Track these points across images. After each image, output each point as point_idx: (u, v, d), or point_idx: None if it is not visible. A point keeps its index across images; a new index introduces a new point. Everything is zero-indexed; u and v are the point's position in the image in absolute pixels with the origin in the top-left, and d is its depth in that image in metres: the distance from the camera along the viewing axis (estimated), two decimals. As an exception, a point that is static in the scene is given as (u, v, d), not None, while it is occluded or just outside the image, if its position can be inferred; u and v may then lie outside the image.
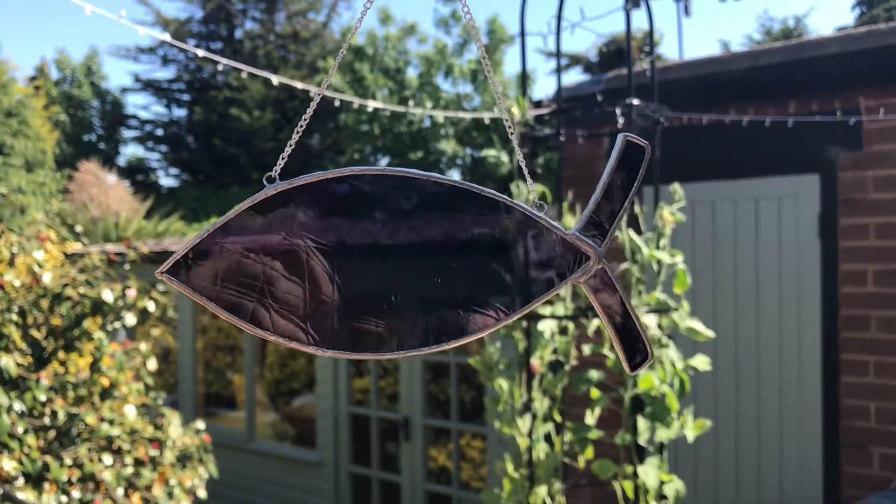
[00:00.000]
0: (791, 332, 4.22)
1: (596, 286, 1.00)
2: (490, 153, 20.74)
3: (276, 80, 2.99)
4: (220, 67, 3.06)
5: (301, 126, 1.05)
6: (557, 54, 3.20)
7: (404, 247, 0.98)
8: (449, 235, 0.98)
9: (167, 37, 2.96)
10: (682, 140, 4.40)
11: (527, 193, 2.95)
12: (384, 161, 24.84)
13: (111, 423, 4.09)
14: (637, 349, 1.01)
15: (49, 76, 28.10)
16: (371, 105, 3.32)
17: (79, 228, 5.18)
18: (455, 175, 24.61)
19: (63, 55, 29.30)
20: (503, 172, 20.53)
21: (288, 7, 28.91)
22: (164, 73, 28.91)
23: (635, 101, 2.82)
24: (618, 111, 2.77)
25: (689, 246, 4.40)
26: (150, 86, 29.01)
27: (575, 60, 20.32)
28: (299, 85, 2.91)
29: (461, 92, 22.71)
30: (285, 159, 1.01)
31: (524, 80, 3.11)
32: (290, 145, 1.02)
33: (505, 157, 20.00)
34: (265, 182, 0.97)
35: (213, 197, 24.16)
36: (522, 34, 3.10)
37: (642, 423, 2.82)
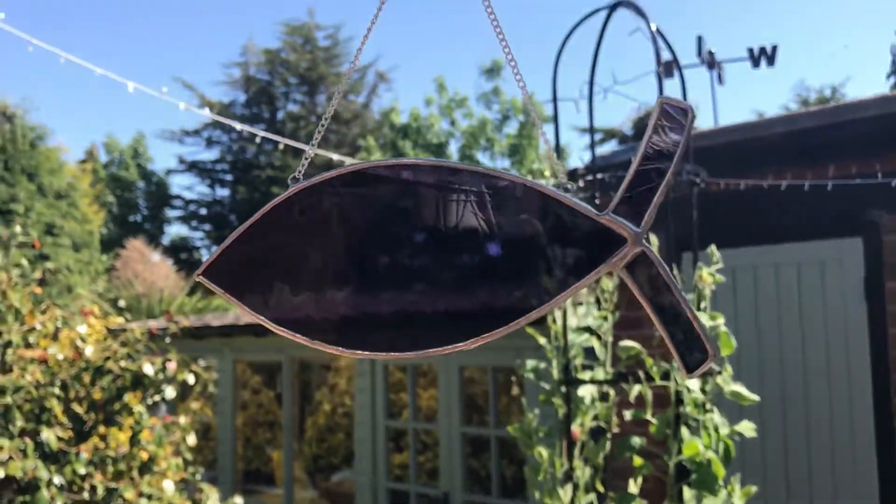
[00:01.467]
0: (841, 397, 4.09)
1: (636, 273, 0.88)
2: None
3: (310, 150, 3.04)
4: (257, 139, 3.13)
5: (322, 127, 1.04)
6: (590, 114, 3.22)
7: (431, 239, 0.93)
8: (472, 224, 0.92)
9: (206, 111, 3.05)
10: (721, 206, 4.37)
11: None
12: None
13: (150, 497, 4.07)
14: (692, 346, 0.85)
15: (98, 159, 28.99)
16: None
17: (122, 303, 5.26)
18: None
19: (111, 138, 30.27)
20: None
21: (329, 89, 29.66)
22: (208, 155, 29.66)
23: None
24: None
25: (732, 311, 4.32)
26: (194, 167, 29.75)
27: (609, 134, 20.44)
28: (335, 156, 2.96)
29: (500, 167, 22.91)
30: (309, 159, 1.01)
31: (557, 143, 3.13)
32: (313, 145, 1.02)
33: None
34: (289, 183, 0.97)
35: (255, 274, 24.44)
36: (555, 99, 3.13)
37: (688, 492, 2.73)
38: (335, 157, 2.96)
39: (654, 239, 2.84)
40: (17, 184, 19.60)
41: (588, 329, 3.07)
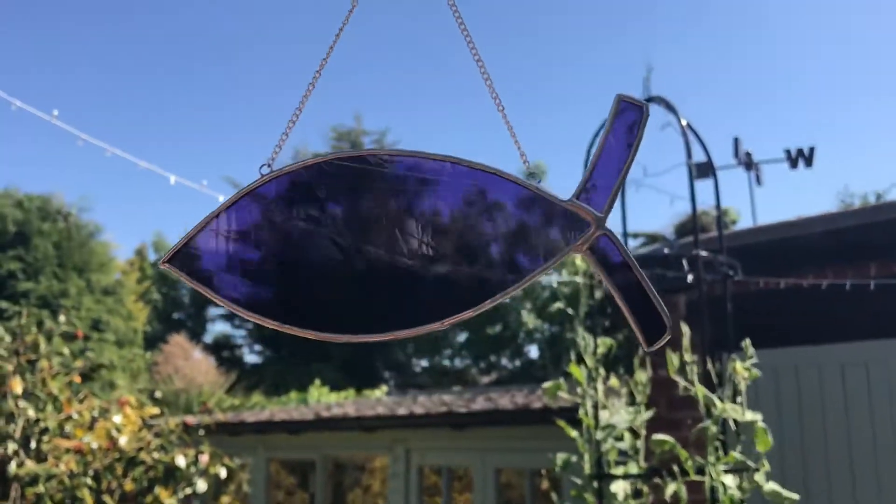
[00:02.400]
0: (891, 500, 3.91)
1: (599, 255, 0.94)
2: (558, 305, 20.62)
3: (283, 138, 3.08)
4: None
5: (296, 115, 1.07)
6: (622, 207, 3.24)
7: (400, 225, 0.96)
8: (440, 211, 0.97)
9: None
10: (760, 305, 4.31)
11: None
12: (463, 336, 24.88)
13: None
14: (652, 321, 0.92)
15: (147, 257, 29.65)
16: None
17: (158, 394, 5.29)
18: (534, 351, 24.43)
19: (160, 237, 31.02)
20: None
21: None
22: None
23: (703, 253, 2.81)
24: (685, 262, 2.75)
25: (775, 412, 4.20)
26: (239, 266, 30.23)
27: (652, 239, 20.42)
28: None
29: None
30: (280, 148, 1.03)
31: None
32: (286, 134, 1.04)
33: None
34: (260, 172, 0.99)
35: (294, 372, 24.45)
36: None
37: None
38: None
39: (686, 332, 2.81)
40: (68, 280, 20.08)
41: (622, 425, 3.01)
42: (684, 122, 3.01)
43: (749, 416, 2.73)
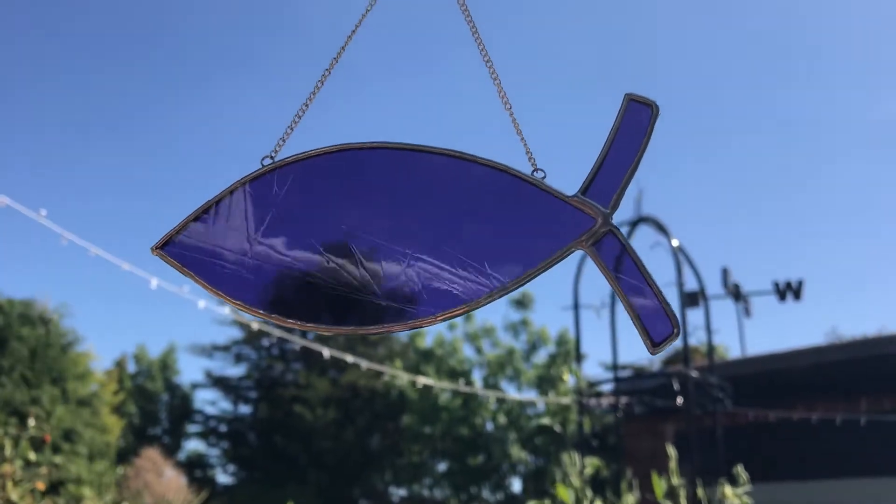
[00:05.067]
0: None
1: (604, 252, 0.92)
2: (544, 421, 20.22)
3: (327, 352, 3.04)
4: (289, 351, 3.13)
5: (304, 107, 1.04)
6: (612, 329, 3.20)
7: (400, 219, 0.94)
8: (445, 205, 0.95)
9: (227, 310, 3.07)
10: (751, 438, 4.22)
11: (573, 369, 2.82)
12: (443, 465, 24.28)
13: None
14: (658, 321, 0.89)
15: (126, 369, 29.19)
16: (421, 381, 3.32)
17: (124, 506, 5.08)
18: (517, 484, 23.81)
19: (142, 349, 30.62)
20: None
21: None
22: (235, 371, 29.79)
23: (694, 373, 2.76)
24: (675, 384, 2.70)
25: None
26: (220, 382, 29.75)
27: (639, 372, 20.31)
28: (350, 358, 2.95)
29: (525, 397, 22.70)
30: (284, 141, 1.00)
31: (578, 349, 3.10)
32: (291, 128, 1.02)
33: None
34: (261, 163, 0.97)
35: (268, 495, 23.69)
36: (576, 306, 3.14)
37: None
38: (349, 358, 2.95)
39: (674, 456, 2.73)
40: (40, 386, 19.66)
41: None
42: (675, 243, 3.03)
43: (740, 549, 2.61)
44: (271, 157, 0.99)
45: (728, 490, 2.62)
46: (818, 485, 4.08)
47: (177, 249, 0.96)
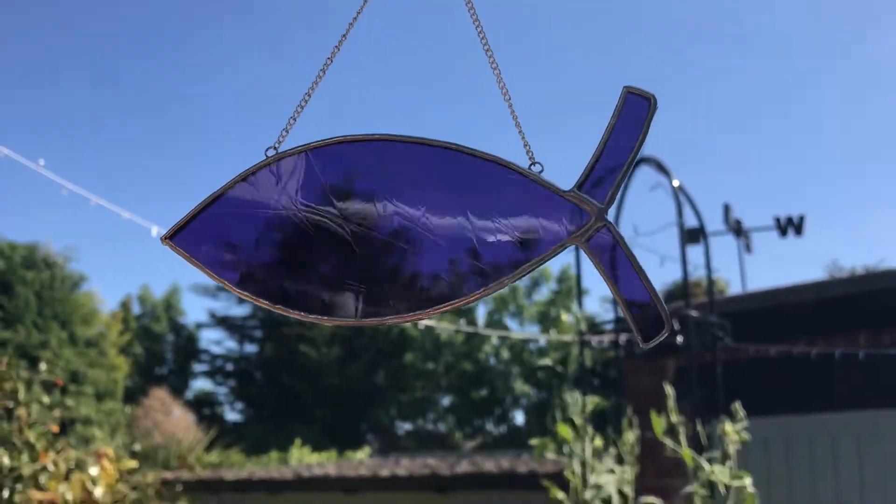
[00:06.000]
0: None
1: (599, 247, 0.92)
2: (546, 362, 20.49)
3: (292, 120, 3.07)
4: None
5: (307, 98, 1.05)
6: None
7: (398, 211, 0.96)
8: (442, 197, 0.96)
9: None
10: (751, 372, 4.28)
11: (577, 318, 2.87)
12: (446, 400, 24.64)
13: None
14: (650, 318, 0.90)
15: (131, 311, 29.41)
16: (422, 323, 3.36)
17: (137, 448, 5.18)
18: (520, 417, 24.20)
19: (146, 290, 30.80)
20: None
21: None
22: (240, 311, 30.00)
23: (693, 313, 2.79)
24: (675, 323, 2.73)
25: (765, 482, 4.13)
26: (224, 322, 30.00)
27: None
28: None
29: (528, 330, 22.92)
30: (287, 132, 1.02)
31: (579, 289, 3.13)
32: (294, 118, 1.03)
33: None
34: (265, 154, 0.98)
35: (276, 432, 24.12)
36: (577, 255, 3.16)
37: None
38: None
39: (671, 394, 2.77)
40: (49, 330, 19.86)
41: (609, 486, 2.95)
42: (676, 184, 3.03)
43: (737, 480, 2.67)
44: (275, 149, 0.99)
45: (727, 427, 2.67)
46: (817, 417, 4.16)
47: (186, 240, 0.97)
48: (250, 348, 30.08)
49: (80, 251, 32.35)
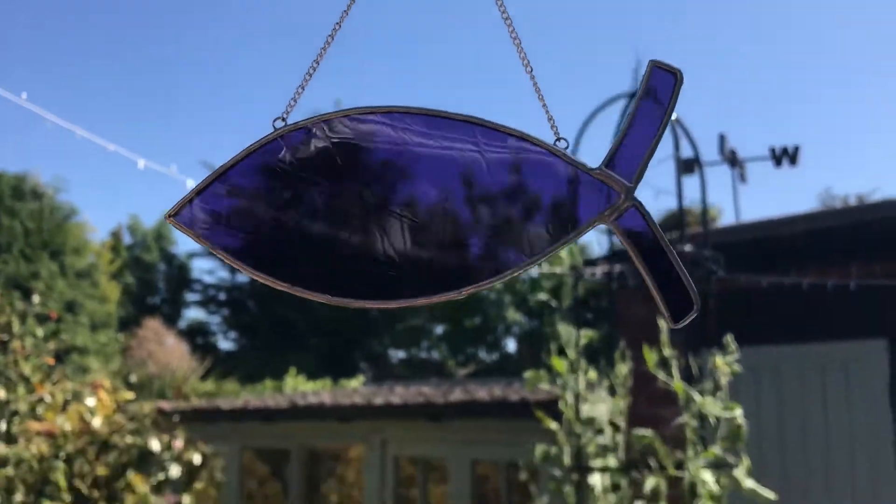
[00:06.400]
0: (866, 500, 3.93)
1: (627, 226, 0.90)
2: (540, 296, 20.70)
3: (297, 94, 3.06)
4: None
5: (314, 67, 1.00)
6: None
7: (418, 187, 0.92)
8: (463, 174, 0.92)
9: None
10: (743, 303, 4.31)
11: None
12: (440, 328, 24.87)
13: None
14: (679, 297, 0.89)
15: (122, 241, 29.35)
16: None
17: (133, 378, 5.23)
18: (511, 344, 24.48)
19: (136, 220, 30.69)
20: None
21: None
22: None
23: (687, 248, 2.79)
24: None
25: (755, 411, 4.20)
26: (216, 252, 30.00)
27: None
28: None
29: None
30: (296, 101, 0.97)
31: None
32: (302, 88, 0.99)
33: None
34: (273, 126, 0.93)
35: (270, 361, 24.39)
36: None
37: None
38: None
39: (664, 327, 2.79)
40: (39, 261, 19.84)
41: (602, 418, 2.99)
42: (674, 117, 2.99)
43: (728, 411, 2.72)
44: (283, 120, 0.93)
45: (718, 360, 2.70)
46: (807, 348, 4.21)
47: (191, 217, 0.91)
48: (242, 277, 30.15)
49: (68, 182, 32.10)
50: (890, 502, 3.86)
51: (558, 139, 0.94)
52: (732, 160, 5.42)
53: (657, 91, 0.92)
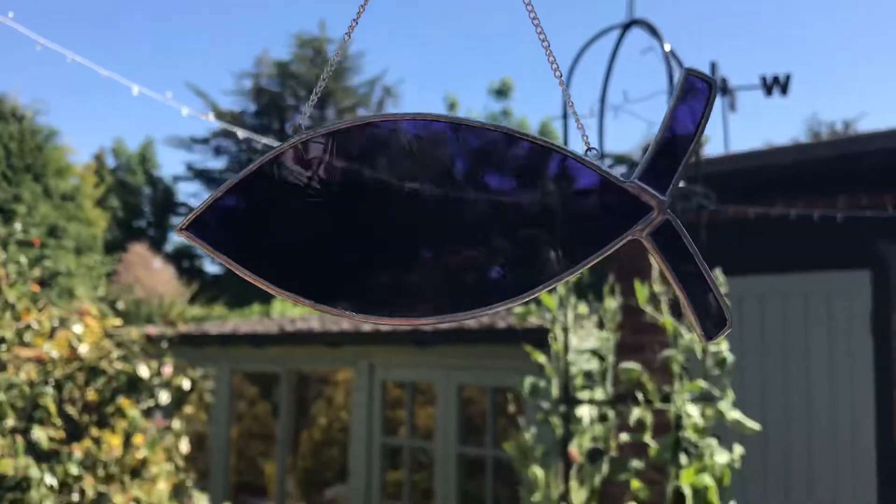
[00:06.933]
0: (844, 433, 4.03)
1: (660, 241, 0.87)
2: None
3: (307, 108, 3.04)
4: (260, 147, 3.09)
5: (329, 71, 0.97)
6: (600, 132, 3.19)
7: (444, 199, 0.86)
8: (491, 186, 0.87)
9: (210, 117, 3.02)
10: (729, 233, 4.32)
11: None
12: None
13: (139, 502, 4.01)
14: (713, 313, 0.86)
15: (105, 163, 29.02)
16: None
17: (120, 305, 5.23)
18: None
19: (119, 144, 30.31)
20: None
21: (338, 103, 29.77)
22: (216, 164, 29.73)
23: (680, 184, 2.79)
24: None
25: (738, 341, 4.27)
26: (201, 175, 29.78)
27: (619, 160, 20.43)
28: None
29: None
30: (312, 106, 0.93)
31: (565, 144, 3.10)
32: (316, 93, 0.95)
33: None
34: (291, 133, 0.88)
35: (256, 287, 24.41)
36: (565, 116, 3.10)
37: (686, 521, 2.67)
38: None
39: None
40: (21, 184, 19.62)
41: (591, 350, 3.03)
42: (667, 48, 2.95)
43: (714, 345, 2.75)
44: (301, 127, 0.87)
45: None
46: (792, 277, 4.25)
47: (205, 229, 0.86)
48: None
49: (49, 103, 31.55)
50: (867, 429, 3.95)
51: (589, 149, 0.89)
52: (723, 88, 5.37)
53: (691, 101, 0.88)
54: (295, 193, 0.87)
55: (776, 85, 5.20)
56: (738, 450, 2.81)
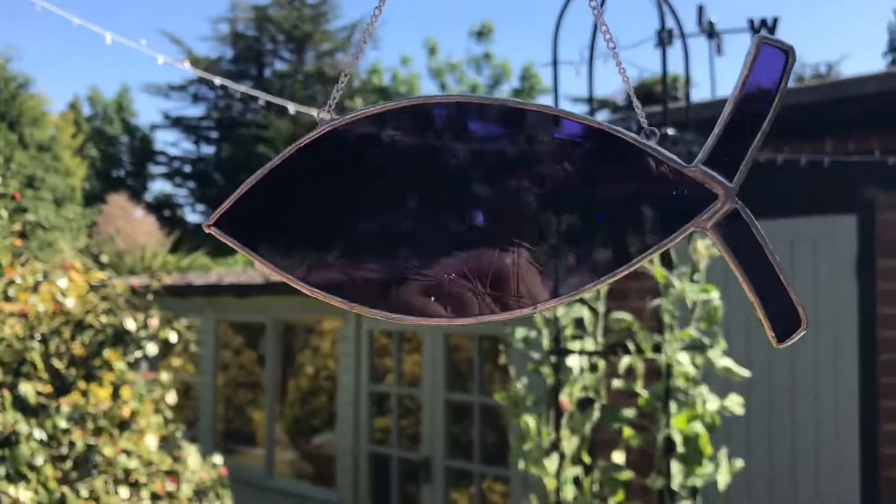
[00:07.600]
0: (828, 378, 4.08)
1: (727, 233, 0.78)
2: None
3: (292, 108, 2.99)
4: (237, 95, 3.04)
5: (356, 56, 0.93)
6: (590, 79, 3.16)
7: (487, 187, 0.78)
8: (539, 172, 0.78)
9: (186, 65, 2.96)
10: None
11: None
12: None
13: (129, 454, 4.03)
14: (785, 313, 0.78)
15: (81, 112, 28.57)
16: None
17: (104, 258, 5.18)
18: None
19: (95, 92, 29.80)
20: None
21: (317, 47, 29.33)
22: (194, 111, 29.38)
23: (670, 131, 2.77)
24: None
25: (723, 286, 4.29)
26: (179, 123, 29.41)
27: (603, 104, 20.34)
28: (314, 112, 2.88)
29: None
30: (338, 95, 0.86)
31: (556, 87, 3.07)
32: (342, 82, 0.89)
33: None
34: (318, 121, 0.81)
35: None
36: (555, 63, 3.06)
37: (675, 465, 2.71)
38: (314, 112, 2.87)
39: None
40: (-2, 134, 19.32)
41: (580, 299, 3.04)
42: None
43: (704, 293, 2.77)
44: (328, 113, 0.81)
45: (700, 245, 2.72)
46: (778, 222, 4.26)
47: (233, 226, 0.80)
48: (207, 150, 29.71)
49: (21, 50, 30.87)
50: (851, 369, 4.01)
51: (648, 132, 0.80)
52: (710, 31, 5.31)
53: (764, 73, 0.78)
54: (326, 186, 0.81)
55: (764, 27, 5.14)
56: (737, 398, 2.84)
